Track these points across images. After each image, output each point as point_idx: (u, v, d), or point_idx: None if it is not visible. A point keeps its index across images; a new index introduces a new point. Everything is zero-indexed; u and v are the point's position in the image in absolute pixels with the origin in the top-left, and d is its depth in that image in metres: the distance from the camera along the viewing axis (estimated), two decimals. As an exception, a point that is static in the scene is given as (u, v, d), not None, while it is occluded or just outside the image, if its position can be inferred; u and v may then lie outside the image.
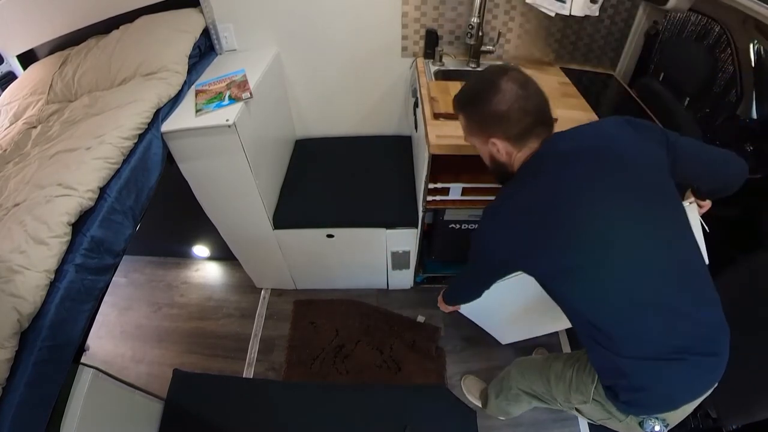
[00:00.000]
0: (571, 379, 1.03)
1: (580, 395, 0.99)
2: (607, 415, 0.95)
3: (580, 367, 1.01)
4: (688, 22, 1.78)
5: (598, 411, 0.97)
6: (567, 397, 1.05)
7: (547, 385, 1.13)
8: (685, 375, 0.81)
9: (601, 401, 0.94)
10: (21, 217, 1.02)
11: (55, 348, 0.94)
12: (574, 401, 1.03)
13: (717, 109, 1.86)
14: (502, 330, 1.87)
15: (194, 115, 1.40)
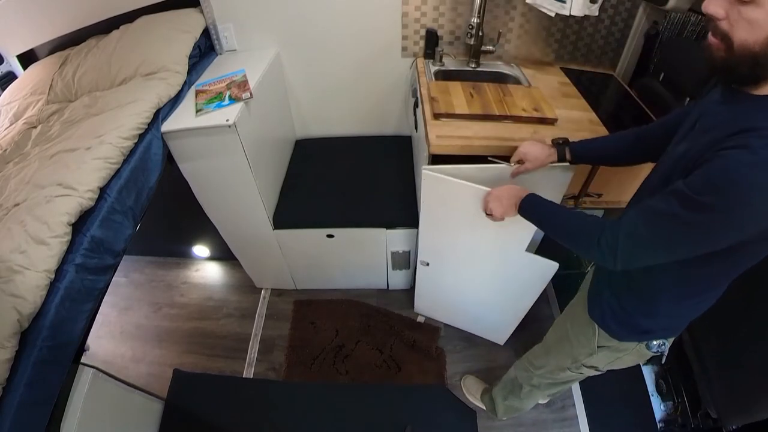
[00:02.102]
0: (569, 339, 1.13)
1: (586, 348, 1.07)
2: (616, 355, 1.04)
3: (575, 324, 1.11)
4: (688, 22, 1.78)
5: (606, 356, 1.06)
6: (575, 358, 1.13)
7: (553, 359, 1.23)
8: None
9: (607, 345, 1.02)
10: (21, 217, 1.02)
11: (55, 348, 0.94)
12: (581, 358, 1.11)
13: (717, 109, 1.86)
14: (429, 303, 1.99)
15: (194, 115, 1.40)
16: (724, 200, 0.62)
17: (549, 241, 1.00)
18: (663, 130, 0.98)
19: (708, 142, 0.69)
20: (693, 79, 1.48)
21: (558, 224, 0.94)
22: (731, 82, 0.72)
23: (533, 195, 1.00)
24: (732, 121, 0.67)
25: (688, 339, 1.54)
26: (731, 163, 0.62)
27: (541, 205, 0.98)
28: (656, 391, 1.72)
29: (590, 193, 1.54)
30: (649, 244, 0.74)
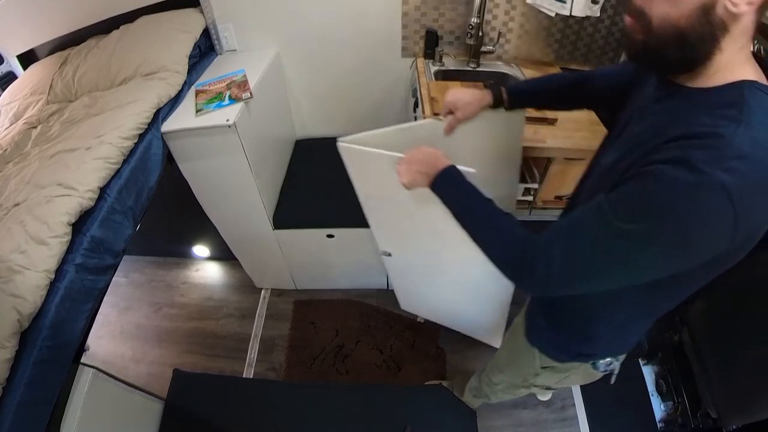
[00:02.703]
0: (516, 360, 1.09)
1: (531, 369, 1.02)
2: (563, 375, 0.99)
3: (518, 345, 1.04)
4: (688, 22, 1.78)
5: (551, 376, 1.01)
6: (524, 378, 1.09)
7: (506, 377, 1.19)
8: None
9: (550, 366, 0.97)
10: (21, 217, 1.02)
11: (55, 348, 0.94)
12: (529, 378, 1.06)
13: (717, 109, 1.86)
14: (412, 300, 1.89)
15: (194, 115, 1.40)
16: (655, 232, 0.51)
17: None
18: (605, 81, 0.89)
19: (639, 151, 0.57)
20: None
21: (472, 219, 0.75)
22: (660, 71, 0.62)
23: (452, 169, 0.79)
24: (667, 123, 0.56)
25: (688, 339, 1.54)
26: (665, 184, 0.50)
27: (457, 186, 0.78)
28: (656, 391, 1.72)
29: (590, 193, 1.54)
30: (566, 272, 0.61)
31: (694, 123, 0.52)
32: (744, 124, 0.49)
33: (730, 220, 0.48)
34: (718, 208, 0.47)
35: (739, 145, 0.48)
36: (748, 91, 0.52)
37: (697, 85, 0.56)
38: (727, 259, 0.57)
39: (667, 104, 0.60)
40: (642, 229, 0.52)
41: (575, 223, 0.61)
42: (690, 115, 0.54)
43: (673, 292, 0.71)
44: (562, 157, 1.39)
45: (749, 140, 0.48)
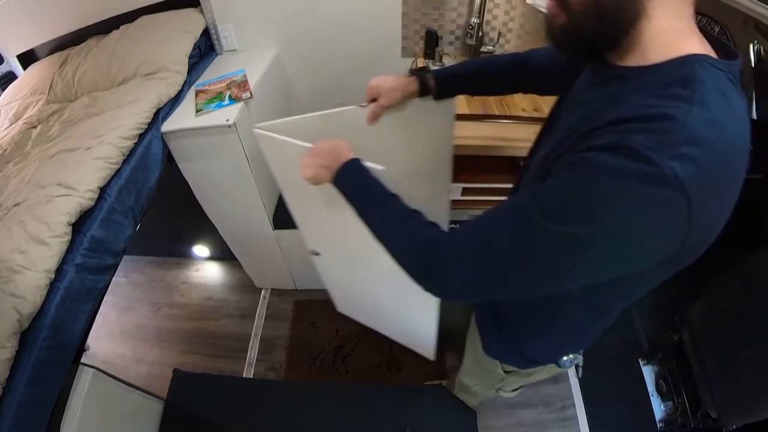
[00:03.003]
0: (479, 368, 1.08)
1: (496, 374, 1.01)
2: (528, 376, 0.98)
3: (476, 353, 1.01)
4: (688, 22, 1.78)
5: (517, 379, 1.01)
6: (492, 384, 1.09)
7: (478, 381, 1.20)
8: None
9: (513, 370, 0.96)
10: (21, 217, 1.02)
11: (55, 348, 0.94)
12: (497, 383, 1.07)
13: (717, 109, 1.86)
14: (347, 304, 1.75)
15: (194, 115, 1.40)
16: (588, 234, 0.43)
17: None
18: (543, 62, 0.83)
19: (572, 139, 0.49)
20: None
21: (375, 217, 0.66)
22: (586, 53, 0.55)
23: (354, 162, 0.71)
24: (604, 108, 0.48)
25: (688, 339, 1.54)
26: (601, 176, 0.42)
27: (359, 180, 0.69)
28: (656, 391, 1.72)
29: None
30: (479, 277, 0.53)
31: (637, 104, 0.44)
32: (698, 103, 0.42)
33: (683, 217, 0.41)
34: (668, 204, 0.40)
35: (693, 127, 0.40)
36: (699, 66, 0.44)
37: (634, 63, 0.49)
38: (682, 259, 0.50)
39: (603, 89, 0.52)
40: (572, 231, 0.44)
41: (493, 219, 0.53)
42: (631, 96, 0.46)
43: (621, 294, 0.64)
44: (562, 157, 1.39)
45: (705, 122, 0.41)
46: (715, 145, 0.41)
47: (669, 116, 0.41)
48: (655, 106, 0.43)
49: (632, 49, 0.49)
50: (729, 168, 0.43)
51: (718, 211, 0.45)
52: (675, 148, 0.40)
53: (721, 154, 0.42)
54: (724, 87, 0.44)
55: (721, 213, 0.46)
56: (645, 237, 0.43)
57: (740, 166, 0.46)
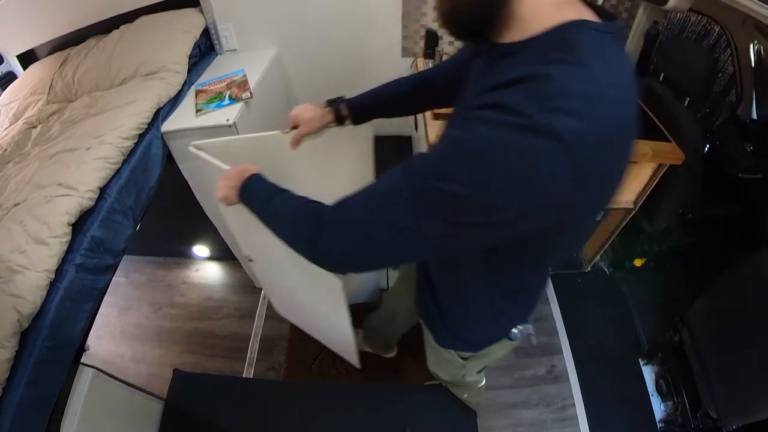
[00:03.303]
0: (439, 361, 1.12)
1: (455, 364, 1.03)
2: (485, 357, 0.99)
3: (431, 347, 1.06)
4: (688, 22, 1.78)
5: (477, 362, 1.03)
6: (454, 373, 1.11)
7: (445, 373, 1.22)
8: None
9: (470, 355, 0.98)
10: (21, 217, 1.02)
11: (55, 348, 0.94)
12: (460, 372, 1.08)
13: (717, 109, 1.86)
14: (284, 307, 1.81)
15: (194, 115, 1.40)
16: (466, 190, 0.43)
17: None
18: (446, 74, 0.85)
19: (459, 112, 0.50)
20: (693, 79, 1.48)
21: (271, 214, 0.69)
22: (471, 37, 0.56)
23: (255, 176, 0.75)
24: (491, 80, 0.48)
25: (688, 339, 1.54)
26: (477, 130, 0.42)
27: (256, 189, 0.73)
28: (656, 391, 1.72)
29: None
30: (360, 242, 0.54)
31: (516, 70, 0.45)
32: (576, 63, 0.42)
33: (565, 171, 0.41)
34: (546, 156, 0.40)
35: (571, 84, 0.41)
36: (578, 30, 0.46)
37: (517, 38, 0.49)
38: (582, 219, 0.51)
39: (491, 70, 0.52)
40: (451, 189, 0.44)
41: (376, 184, 0.53)
42: (513, 66, 0.47)
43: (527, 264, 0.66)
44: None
45: (584, 79, 0.42)
46: (595, 99, 0.42)
47: (545, 76, 0.42)
48: (532, 70, 0.44)
49: (512, 25, 0.49)
50: (614, 119, 0.44)
51: (610, 160, 0.45)
52: (550, 101, 0.41)
53: (603, 106, 0.42)
54: (604, 47, 0.46)
55: (616, 163, 0.47)
56: (522, 192, 0.43)
57: (627, 116, 0.46)
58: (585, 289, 2.10)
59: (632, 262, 2.02)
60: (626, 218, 1.65)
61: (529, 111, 0.40)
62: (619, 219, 1.68)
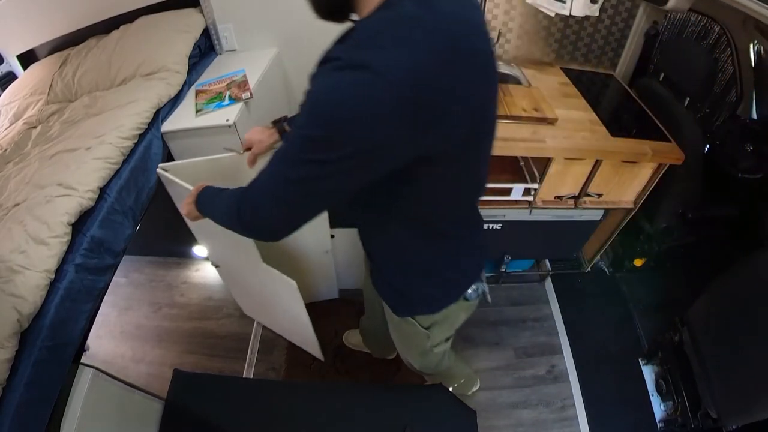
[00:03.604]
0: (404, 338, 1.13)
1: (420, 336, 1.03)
2: (448, 322, 1.01)
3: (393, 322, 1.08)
4: (688, 22, 1.78)
5: (441, 329, 1.03)
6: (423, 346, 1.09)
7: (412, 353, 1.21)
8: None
9: (432, 322, 0.99)
10: (21, 217, 1.02)
11: (55, 348, 0.94)
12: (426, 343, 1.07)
13: (717, 109, 1.86)
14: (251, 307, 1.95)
15: (194, 115, 1.40)
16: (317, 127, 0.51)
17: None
18: None
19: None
20: (693, 79, 1.48)
21: (216, 209, 0.79)
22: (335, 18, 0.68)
23: (205, 188, 0.86)
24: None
25: (688, 339, 1.54)
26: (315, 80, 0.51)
27: (207, 196, 0.84)
28: (656, 391, 1.72)
29: (590, 193, 1.54)
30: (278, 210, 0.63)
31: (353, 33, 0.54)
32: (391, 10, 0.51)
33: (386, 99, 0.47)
34: (365, 87, 0.47)
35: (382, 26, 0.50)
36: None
37: (366, 14, 0.58)
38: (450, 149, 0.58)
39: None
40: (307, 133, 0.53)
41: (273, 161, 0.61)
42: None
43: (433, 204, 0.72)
44: (562, 157, 1.39)
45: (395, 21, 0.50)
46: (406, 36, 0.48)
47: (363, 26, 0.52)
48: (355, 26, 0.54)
49: (362, 4, 0.58)
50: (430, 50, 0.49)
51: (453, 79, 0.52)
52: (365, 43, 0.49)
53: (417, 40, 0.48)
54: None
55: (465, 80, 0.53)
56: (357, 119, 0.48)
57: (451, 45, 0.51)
58: (585, 289, 2.10)
59: (632, 262, 2.02)
60: (626, 218, 1.65)
61: (347, 54, 0.49)
62: (619, 219, 1.68)
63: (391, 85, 0.47)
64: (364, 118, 0.48)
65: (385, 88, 0.47)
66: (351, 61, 0.48)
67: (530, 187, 1.52)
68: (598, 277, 2.14)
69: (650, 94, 1.64)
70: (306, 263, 1.80)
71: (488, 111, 0.64)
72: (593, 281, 2.11)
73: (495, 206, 1.58)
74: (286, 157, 0.58)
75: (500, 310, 2.08)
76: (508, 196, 1.54)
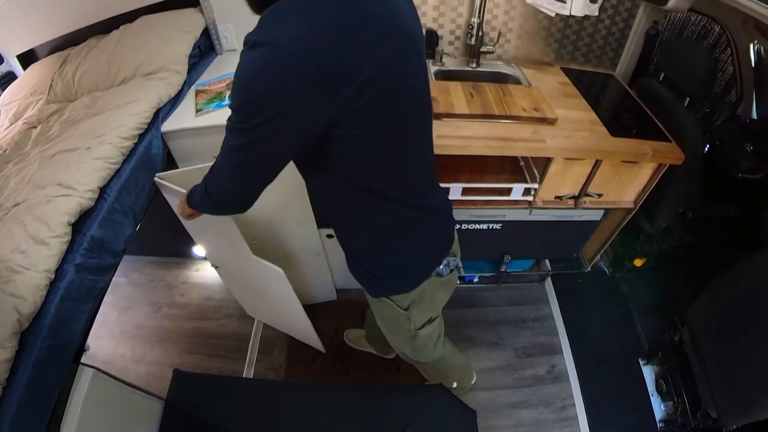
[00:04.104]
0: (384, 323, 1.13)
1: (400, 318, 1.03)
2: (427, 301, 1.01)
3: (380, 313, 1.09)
4: (688, 22, 1.78)
5: (420, 309, 1.02)
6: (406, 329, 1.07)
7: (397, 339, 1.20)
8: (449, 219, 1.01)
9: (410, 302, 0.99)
10: (21, 217, 1.02)
11: (55, 348, 0.94)
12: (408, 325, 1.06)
13: (717, 109, 1.86)
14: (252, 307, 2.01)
15: (194, 115, 1.40)
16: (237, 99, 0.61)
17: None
18: None
19: None
20: (693, 79, 1.48)
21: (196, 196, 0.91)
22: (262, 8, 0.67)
23: (193, 187, 0.96)
24: None
25: (688, 339, 1.54)
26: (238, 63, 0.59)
27: (191, 190, 0.94)
28: (656, 391, 1.72)
29: (590, 193, 1.54)
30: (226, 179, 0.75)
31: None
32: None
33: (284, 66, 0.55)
34: (265, 59, 0.56)
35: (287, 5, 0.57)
36: None
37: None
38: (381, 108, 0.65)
39: None
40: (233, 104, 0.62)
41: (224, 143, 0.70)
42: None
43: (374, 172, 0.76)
44: (562, 157, 1.39)
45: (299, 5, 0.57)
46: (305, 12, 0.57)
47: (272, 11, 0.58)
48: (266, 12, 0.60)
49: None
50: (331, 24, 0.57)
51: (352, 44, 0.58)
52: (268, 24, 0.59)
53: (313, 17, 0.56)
54: None
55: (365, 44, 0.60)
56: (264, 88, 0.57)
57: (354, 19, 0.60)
58: (585, 289, 2.10)
59: (632, 262, 2.02)
60: (626, 218, 1.65)
61: (254, 36, 0.57)
62: (619, 219, 1.68)
63: (290, 55, 0.54)
64: (272, 87, 0.56)
65: (285, 59, 0.55)
66: (257, 41, 0.56)
67: (530, 187, 1.52)
68: (598, 277, 2.14)
69: (650, 94, 1.64)
70: (300, 266, 1.83)
71: (403, 74, 0.68)
72: (593, 281, 2.11)
73: (495, 206, 1.58)
74: (228, 129, 0.66)
75: (500, 310, 2.08)
76: (508, 196, 1.54)
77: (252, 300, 1.93)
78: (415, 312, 1.02)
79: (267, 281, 1.44)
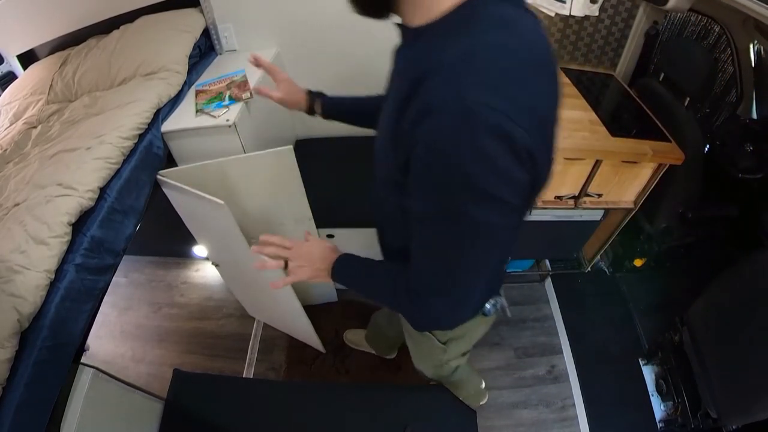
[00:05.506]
0: (422, 352, 1.14)
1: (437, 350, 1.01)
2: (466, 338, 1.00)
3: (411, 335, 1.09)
4: (688, 22, 1.78)
5: (457, 345, 1.01)
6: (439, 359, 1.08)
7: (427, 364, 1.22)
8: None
9: (449, 338, 0.97)
10: (21, 217, 1.02)
11: (55, 348, 0.94)
12: (443, 357, 1.06)
13: (717, 109, 1.86)
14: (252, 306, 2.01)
15: (194, 115, 1.40)
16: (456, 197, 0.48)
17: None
18: None
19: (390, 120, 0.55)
20: (693, 79, 1.48)
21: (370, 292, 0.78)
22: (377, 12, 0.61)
23: (345, 257, 0.82)
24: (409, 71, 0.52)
25: (688, 339, 1.54)
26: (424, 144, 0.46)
27: (352, 267, 0.81)
28: (656, 391, 1.72)
29: (590, 193, 1.54)
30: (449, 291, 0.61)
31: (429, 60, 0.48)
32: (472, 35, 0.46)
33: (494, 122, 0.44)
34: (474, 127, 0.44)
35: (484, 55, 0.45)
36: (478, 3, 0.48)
37: (425, 21, 0.52)
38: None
39: (410, 53, 0.58)
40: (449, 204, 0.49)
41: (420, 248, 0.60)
42: (425, 53, 0.50)
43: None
44: (562, 157, 1.39)
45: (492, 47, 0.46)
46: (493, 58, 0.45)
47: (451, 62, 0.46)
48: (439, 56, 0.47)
49: (416, 7, 0.52)
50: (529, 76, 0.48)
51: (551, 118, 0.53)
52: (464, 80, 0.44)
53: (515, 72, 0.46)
54: (505, 14, 0.49)
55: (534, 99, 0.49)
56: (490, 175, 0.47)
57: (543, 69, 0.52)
58: (585, 289, 2.10)
59: (632, 262, 2.02)
60: (626, 218, 1.65)
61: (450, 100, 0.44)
62: (619, 219, 1.68)
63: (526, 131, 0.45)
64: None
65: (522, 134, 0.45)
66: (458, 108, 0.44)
67: (530, 187, 1.52)
68: (598, 277, 2.14)
69: (650, 94, 1.64)
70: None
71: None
72: (593, 281, 2.11)
73: (495, 206, 1.58)
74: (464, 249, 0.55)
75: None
76: (508, 196, 1.54)
77: (252, 299, 1.93)
78: (452, 346, 1.01)
79: (267, 280, 1.44)
